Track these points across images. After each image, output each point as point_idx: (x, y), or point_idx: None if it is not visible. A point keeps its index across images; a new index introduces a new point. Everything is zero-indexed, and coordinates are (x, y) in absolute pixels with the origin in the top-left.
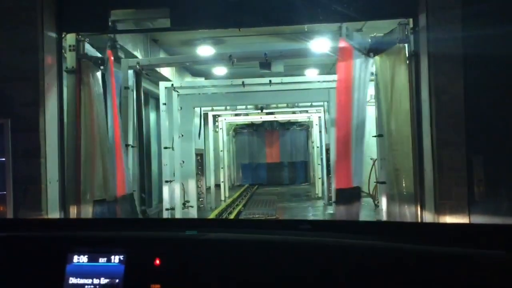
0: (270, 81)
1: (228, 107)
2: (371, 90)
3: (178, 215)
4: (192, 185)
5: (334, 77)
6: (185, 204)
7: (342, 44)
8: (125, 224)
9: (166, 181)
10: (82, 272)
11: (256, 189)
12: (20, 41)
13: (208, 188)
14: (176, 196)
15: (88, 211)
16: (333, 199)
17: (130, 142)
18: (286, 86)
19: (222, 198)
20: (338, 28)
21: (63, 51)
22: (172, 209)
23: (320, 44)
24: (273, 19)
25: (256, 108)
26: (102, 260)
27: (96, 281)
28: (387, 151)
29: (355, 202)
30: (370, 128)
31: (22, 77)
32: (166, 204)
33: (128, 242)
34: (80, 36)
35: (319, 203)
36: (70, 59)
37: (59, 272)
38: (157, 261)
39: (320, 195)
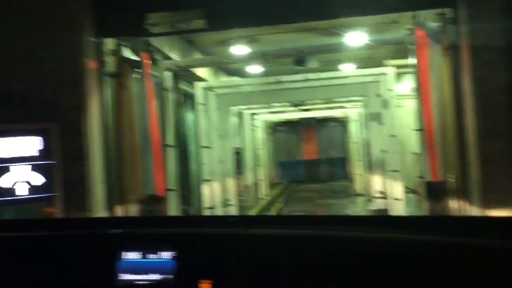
0: (306, 77)
1: (264, 105)
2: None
3: (218, 213)
4: (231, 183)
5: (371, 70)
6: (225, 202)
7: (419, 33)
8: (175, 221)
9: (206, 180)
10: (133, 268)
11: (294, 187)
12: (64, 48)
13: (247, 186)
14: (216, 195)
15: (132, 210)
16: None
17: (169, 142)
18: (322, 81)
19: (261, 196)
20: (372, 22)
21: (103, 55)
22: (212, 207)
23: (357, 37)
24: (312, 14)
25: (293, 105)
26: (154, 256)
27: (146, 277)
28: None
29: (444, 196)
30: (410, 122)
31: (66, 83)
32: (206, 203)
33: (180, 238)
34: (119, 41)
35: (359, 199)
36: (110, 63)
37: (111, 268)
38: (208, 257)
39: (360, 191)
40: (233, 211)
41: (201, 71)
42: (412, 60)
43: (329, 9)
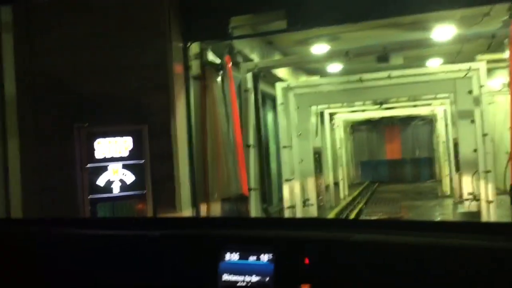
0: (389, 74)
1: (345, 104)
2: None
3: (298, 213)
4: (311, 183)
5: (461, 66)
6: (305, 202)
7: None
8: (273, 223)
9: (286, 180)
10: (234, 269)
11: (376, 187)
12: (152, 53)
13: (327, 186)
14: (296, 195)
15: (216, 209)
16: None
17: (251, 142)
18: (407, 78)
19: (342, 196)
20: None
21: (188, 59)
22: (293, 207)
23: (445, 31)
24: (397, 9)
25: (375, 104)
26: (252, 258)
27: (247, 278)
28: None
29: None
30: (503, 119)
31: (155, 86)
32: (286, 202)
33: (277, 241)
34: (203, 45)
35: (447, 201)
36: (195, 67)
37: (213, 268)
38: (307, 261)
39: (448, 193)
40: (313, 211)
41: (281, 71)
42: (506, 54)
43: (415, 3)
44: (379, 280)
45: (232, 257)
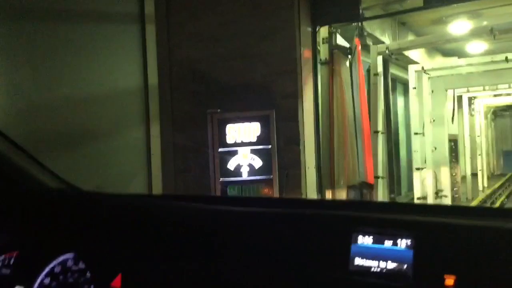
0: None
1: (486, 88)
2: None
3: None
4: (445, 173)
5: None
6: (437, 193)
7: None
8: (412, 209)
9: (417, 169)
10: (367, 253)
11: None
12: (281, 38)
13: (464, 177)
14: (428, 185)
15: (342, 196)
16: None
17: (379, 128)
18: None
19: (480, 188)
20: None
21: (317, 44)
22: (424, 198)
23: None
24: None
25: None
26: (388, 243)
27: (382, 264)
28: None
29: None
30: None
31: (283, 72)
32: (417, 192)
33: (417, 226)
34: (332, 28)
35: None
36: (323, 51)
37: (345, 251)
38: (451, 250)
39: None
40: (446, 203)
41: (414, 54)
42: None
43: None
44: None
45: (365, 240)
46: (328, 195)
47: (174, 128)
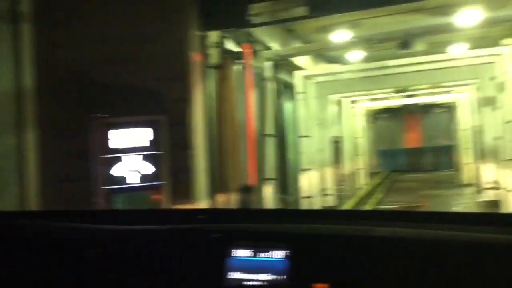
0: (411, 61)
1: (365, 93)
2: None
3: (316, 203)
4: (329, 173)
5: (485, 51)
6: (323, 192)
7: None
8: (287, 216)
9: (304, 170)
10: (242, 266)
11: (395, 176)
12: (171, 43)
13: (346, 176)
14: (314, 184)
15: (232, 199)
16: None
17: (269, 131)
18: (429, 65)
19: (360, 185)
20: None
21: (207, 48)
22: (310, 197)
23: (469, 16)
24: None
25: (396, 92)
26: (264, 254)
27: (258, 276)
28: None
29: None
30: None
31: (173, 75)
32: (304, 192)
33: (292, 236)
34: (222, 33)
35: (467, 190)
36: (213, 56)
37: (220, 265)
38: (324, 258)
39: (468, 182)
40: (331, 201)
41: (300, 60)
42: None
43: None
44: (403, 278)
45: (241, 253)
46: (219, 198)
47: (56, 134)
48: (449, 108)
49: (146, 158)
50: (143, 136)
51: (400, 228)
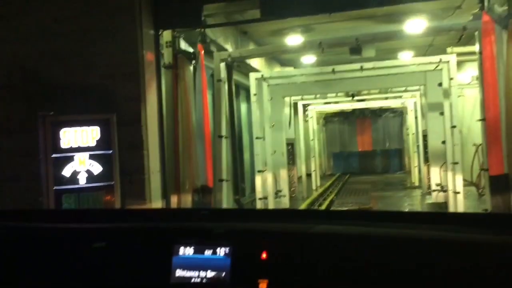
0: (361, 66)
1: (318, 96)
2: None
3: (271, 204)
4: (283, 174)
5: (432, 59)
6: (277, 193)
7: (485, 18)
8: (230, 215)
9: (259, 171)
10: (188, 264)
11: (347, 178)
12: (122, 40)
13: (300, 178)
14: (269, 186)
15: (187, 200)
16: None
17: (223, 133)
18: (379, 71)
19: (314, 187)
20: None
21: (160, 47)
22: (265, 198)
23: (417, 24)
24: (370, 0)
25: (347, 96)
26: (208, 252)
27: (202, 274)
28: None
29: (508, 190)
30: (471, 112)
31: (124, 73)
32: (259, 193)
33: (234, 234)
34: (175, 33)
35: (416, 192)
36: (167, 55)
37: (166, 263)
38: (264, 255)
39: (417, 184)
40: (285, 202)
41: (255, 62)
42: (475, 47)
43: None
44: (340, 274)
45: (186, 251)
46: (174, 199)
47: (1, 132)
48: (399, 113)
49: (95, 157)
50: (92, 135)
51: (336, 226)
